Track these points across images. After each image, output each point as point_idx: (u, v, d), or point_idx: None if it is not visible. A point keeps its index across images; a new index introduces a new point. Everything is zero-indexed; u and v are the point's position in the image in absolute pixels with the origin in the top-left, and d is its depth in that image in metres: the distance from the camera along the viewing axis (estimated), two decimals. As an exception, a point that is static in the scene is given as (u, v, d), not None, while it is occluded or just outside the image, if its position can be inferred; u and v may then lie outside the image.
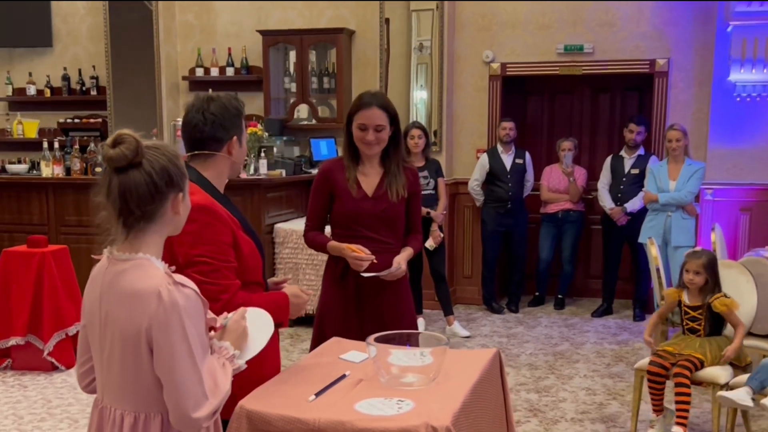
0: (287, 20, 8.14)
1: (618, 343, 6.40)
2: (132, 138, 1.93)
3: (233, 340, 2.16)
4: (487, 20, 7.68)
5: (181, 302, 1.90)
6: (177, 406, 1.92)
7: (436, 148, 7.42)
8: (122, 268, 1.96)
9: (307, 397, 2.49)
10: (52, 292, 4.00)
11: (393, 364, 2.64)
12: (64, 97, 8.71)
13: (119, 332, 1.95)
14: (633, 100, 7.94)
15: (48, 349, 3.94)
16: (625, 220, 7.01)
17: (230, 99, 2.64)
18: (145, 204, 1.94)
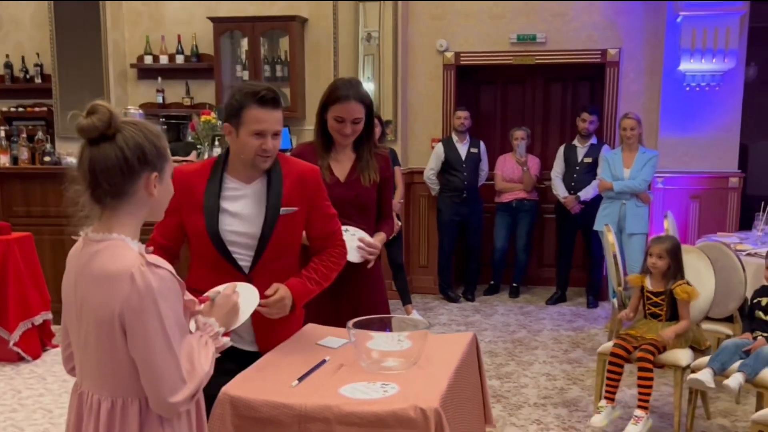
0: (239, 7, 8.01)
1: (574, 329, 6.48)
2: (105, 109, 1.87)
3: (221, 316, 2.12)
4: (441, 9, 7.68)
5: (155, 284, 1.83)
6: (154, 391, 1.87)
7: (392, 137, 7.40)
8: (95, 249, 1.90)
9: (289, 382, 2.45)
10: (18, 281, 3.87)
11: (373, 349, 2.62)
12: (7, 86, 8.44)
13: (93, 316, 1.88)
14: (585, 90, 8.03)
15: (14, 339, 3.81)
16: (578, 208, 7.09)
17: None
18: (113, 177, 1.87)
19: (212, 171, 2.80)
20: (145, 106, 7.94)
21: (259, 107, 2.68)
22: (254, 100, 2.67)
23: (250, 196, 2.79)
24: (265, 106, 2.68)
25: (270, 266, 2.79)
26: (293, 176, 2.82)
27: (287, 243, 2.83)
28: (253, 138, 2.69)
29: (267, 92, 2.69)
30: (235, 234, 2.76)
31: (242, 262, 2.77)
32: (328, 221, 2.94)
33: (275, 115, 2.70)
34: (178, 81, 8.20)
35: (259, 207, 2.78)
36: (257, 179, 2.80)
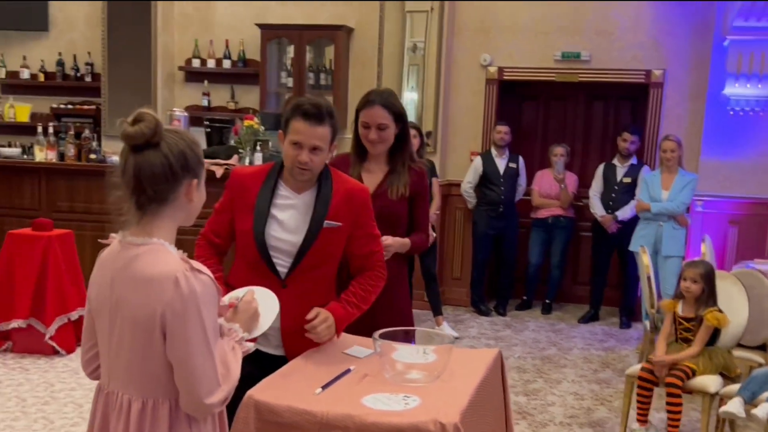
0: (287, 15, 8.13)
1: (605, 349, 6.45)
2: (152, 117, 1.93)
3: (243, 321, 2.17)
4: (486, 24, 7.71)
5: (198, 289, 1.89)
6: (191, 392, 1.92)
7: (431, 149, 7.44)
8: (135, 253, 1.95)
9: (313, 390, 2.50)
10: (56, 276, 3.98)
11: (398, 361, 2.66)
12: (58, 83, 8.66)
13: (131, 317, 1.93)
14: (627, 110, 8.00)
15: (50, 333, 3.91)
16: (615, 227, 7.07)
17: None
18: (158, 183, 1.93)
19: (267, 176, 2.89)
20: (191, 109, 8.09)
21: (300, 119, 2.76)
22: (299, 112, 2.76)
23: (298, 205, 2.86)
24: (306, 119, 2.75)
25: (306, 275, 2.85)
26: (342, 192, 2.88)
27: (326, 255, 2.88)
28: (292, 148, 2.77)
29: (311, 107, 2.76)
30: (277, 239, 2.83)
31: (280, 267, 2.84)
32: (370, 241, 2.97)
33: (315, 131, 2.75)
34: (224, 85, 8.34)
35: (304, 217, 2.85)
36: (308, 190, 2.87)
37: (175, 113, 6.69)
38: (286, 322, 2.79)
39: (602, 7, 7.43)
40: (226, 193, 2.94)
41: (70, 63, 8.64)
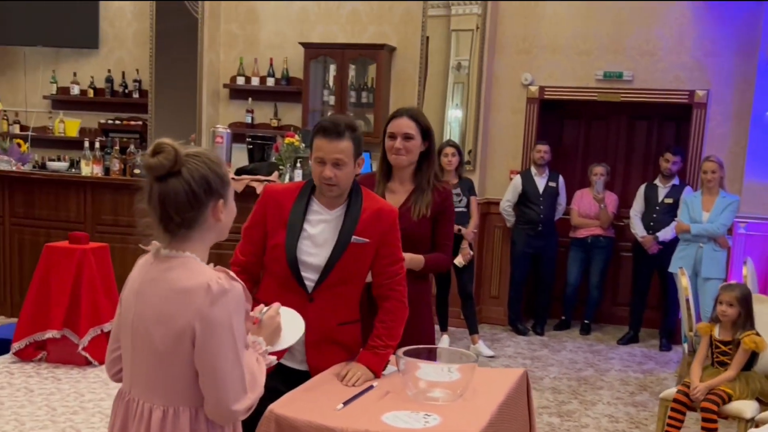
0: (330, 34, 8.24)
1: (643, 371, 6.37)
2: (171, 148, 1.96)
3: (266, 336, 2.21)
4: (528, 43, 7.72)
5: (230, 295, 1.94)
6: (217, 399, 1.95)
7: (470, 167, 7.45)
8: (169, 266, 2.00)
9: (334, 405, 2.53)
10: (91, 288, 4.08)
11: (421, 379, 2.68)
12: (107, 99, 8.87)
13: (160, 326, 1.97)
14: (670, 130, 7.92)
15: (83, 344, 4.00)
16: (656, 248, 6.99)
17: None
18: (183, 211, 1.98)
19: (301, 192, 2.95)
20: (234, 126, 8.22)
21: (320, 136, 2.83)
22: (318, 129, 2.85)
23: (330, 221, 2.91)
24: (326, 135, 2.81)
25: (332, 290, 2.89)
26: (371, 210, 2.92)
27: (353, 271, 2.91)
28: (317, 165, 2.84)
29: (329, 123, 2.84)
30: (307, 254, 2.88)
31: (308, 282, 2.88)
32: (394, 262, 2.97)
33: (335, 145, 2.80)
34: (268, 102, 8.47)
35: (334, 233, 2.89)
36: (339, 207, 2.92)
37: (218, 130, 6.79)
38: (311, 336, 2.82)
39: (645, 26, 7.39)
40: (258, 209, 2.99)
41: (118, 80, 8.85)
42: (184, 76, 8.40)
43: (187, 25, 8.32)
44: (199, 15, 8.27)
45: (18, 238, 6.83)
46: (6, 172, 6.88)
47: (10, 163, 7.07)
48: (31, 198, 6.80)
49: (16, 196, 6.84)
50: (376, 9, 8.12)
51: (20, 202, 6.84)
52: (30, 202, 6.81)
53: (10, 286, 6.87)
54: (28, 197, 6.81)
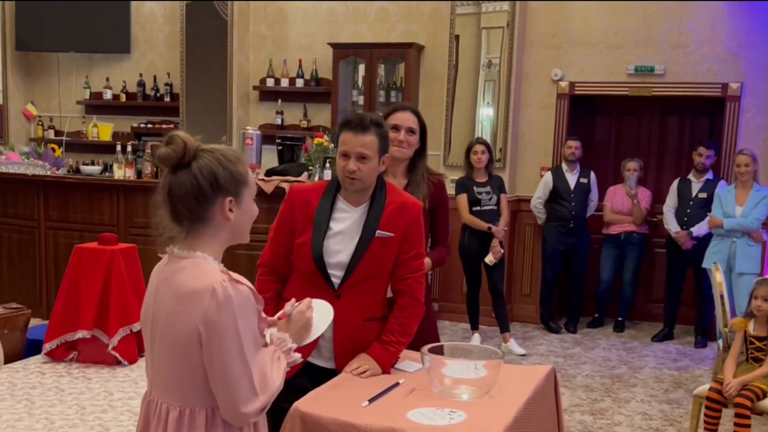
0: (358, 34, 8.25)
1: (678, 369, 6.30)
2: (180, 140, 1.98)
3: (295, 332, 2.18)
4: (558, 39, 7.66)
5: (234, 299, 1.93)
6: (227, 401, 1.96)
7: (500, 165, 7.42)
8: (180, 266, 2.01)
9: (360, 402, 2.53)
10: (120, 289, 4.12)
11: (447, 376, 2.67)
12: (139, 103, 8.97)
13: (171, 328, 1.99)
14: (703, 124, 7.82)
15: (113, 343, 4.05)
16: (690, 244, 6.91)
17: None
18: (188, 202, 1.98)
19: (326, 191, 2.97)
20: (264, 127, 8.27)
21: (346, 131, 2.85)
22: (343, 124, 2.87)
23: (354, 218, 2.92)
24: (351, 129, 2.84)
25: (359, 286, 2.90)
26: (395, 204, 2.93)
27: (378, 266, 2.91)
28: (341, 159, 2.86)
29: (354, 117, 2.86)
30: (333, 252, 2.89)
31: (334, 279, 2.90)
32: (416, 257, 2.98)
33: (360, 139, 2.82)
34: (297, 103, 8.50)
35: (359, 229, 2.90)
36: (364, 203, 2.93)
37: (248, 131, 6.83)
38: (339, 332, 2.85)
39: (677, 19, 7.29)
40: (285, 209, 3.01)
41: (150, 83, 8.95)
42: (215, 78, 8.47)
43: (216, 28, 8.39)
44: (228, 17, 8.32)
45: (53, 242, 6.94)
46: (41, 176, 6.99)
47: (44, 167, 7.18)
48: (65, 202, 6.90)
49: (50, 200, 6.95)
50: (404, 8, 8.12)
51: (55, 205, 6.94)
52: (64, 206, 6.91)
53: (46, 289, 6.98)
54: (62, 201, 6.92)
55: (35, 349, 4.29)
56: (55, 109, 9.31)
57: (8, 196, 7.13)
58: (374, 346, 2.89)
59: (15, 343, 4.28)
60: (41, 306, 6.85)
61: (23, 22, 8.89)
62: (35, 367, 3.96)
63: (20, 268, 7.14)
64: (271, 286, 2.99)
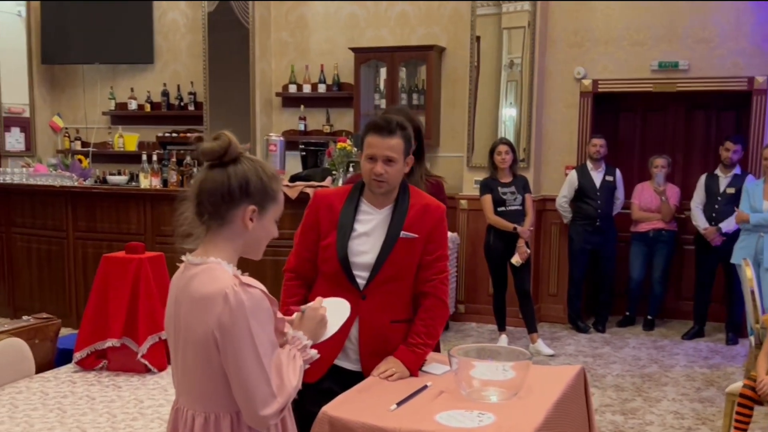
0: (379, 38, 8.26)
1: (709, 366, 6.23)
2: (227, 137, 2.01)
3: (309, 328, 2.18)
4: (580, 37, 7.62)
5: (246, 303, 1.93)
6: (246, 405, 1.96)
7: (524, 164, 7.38)
8: (194, 273, 2.03)
9: (388, 406, 2.53)
10: (148, 297, 4.15)
11: (475, 377, 2.66)
12: (163, 112, 9.04)
13: (191, 335, 2.01)
14: (730, 118, 7.73)
15: (142, 351, 4.08)
16: (719, 240, 6.83)
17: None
18: (214, 200, 2.01)
19: (350, 194, 2.99)
20: (288, 133, 8.30)
21: (372, 133, 2.86)
22: (370, 127, 2.88)
23: (379, 220, 2.94)
24: (377, 132, 2.85)
25: (384, 287, 2.91)
26: (419, 206, 2.95)
27: (403, 267, 2.93)
28: (367, 162, 2.86)
29: (381, 120, 2.87)
30: (358, 253, 2.91)
31: (359, 279, 2.91)
32: (439, 259, 2.98)
33: (387, 142, 2.83)
34: (320, 109, 8.53)
35: (384, 231, 2.92)
36: (388, 205, 2.95)
37: (272, 138, 6.86)
38: (365, 333, 2.88)
39: (700, 13, 7.23)
40: (310, 213, 3.03)
41: (174, 93, 9.01)
42: (238, 86, 8.51)
43: (238, 36, 8.44)
44: (250, 25, 8.37)
45: (81, 252, 7.01)
46: (68, 187, 7.06)
47: (72, 178, 7.25)
48: (93, 212, 6.97)
49: (78, 210, 7.02)
50: (424, 10, 8.12)
51: (82, 216, 7.02)
52: (92, 216, 6.98)
53: (75, 299, 7.05)
54: (89, 211, 6.99)
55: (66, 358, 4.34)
56: (81, 120, 9.41)
57: (37, 208, 7.21)
58: (401, 349, 2.89)
59: (46, 353, 4.33)
60: (71, 315, 6.93)
61: (48, 36, 9.00)
62: (66, 376, 4.01)
63: (49, 278, 7.22)
64: (298, 290, 3.01)
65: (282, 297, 2.98)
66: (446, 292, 3.01)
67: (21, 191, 7.29)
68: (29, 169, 7.59)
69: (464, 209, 7.61)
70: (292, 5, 8.58)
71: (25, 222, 7.31)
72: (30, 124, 9.10)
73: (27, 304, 7.22)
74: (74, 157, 8.06)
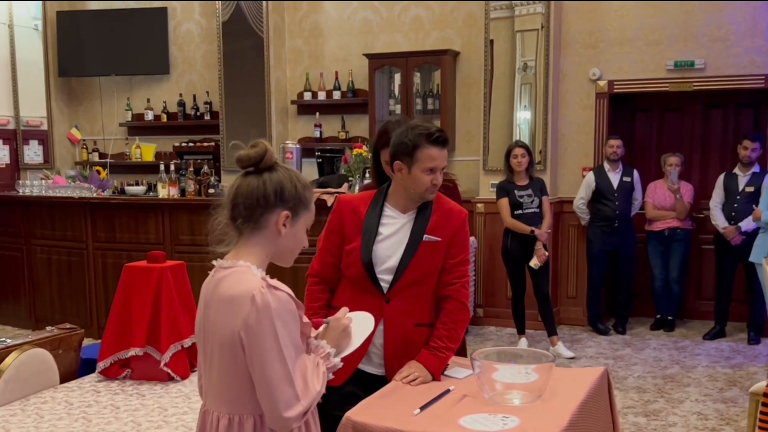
0: (393, 43, 8.28)
1: (732, 366, 6.18)
2: (264, 145, 2.07)
3: (333, 338, 2.20)
4: (594, 38, 7.60)
5: (273, 304, 1.96)
6: (269, 406, 1.98)
7: (540, 167, 7.37)
8: (223, 275, 2.06)
9: (411, 410, 2.53)
10: (170, 306, 4.17)
11: (498, 381, 2.65)
12: (180, 122, 9.08)
13: (218, 336, 2.04)
14: (747, 116, 7.69)
15: (165, 360, 4.09)
16: (739, 239, 6.79)
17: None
18: (249, 203, 2.06)
19: (374, 199, 3.02)
20: (303, 141, 8.33)
21: (432, 146, 2.87)
22: (429, 140, 2.87)
23: (403, 224, 2.97)
24: (438, 145, 2.87)
25: (408, 290, 2.94)
26: (441, 211, 2.99)
27: (426, 271, 2.95)
28: (426, 174, 2.88)
29: (440, 133, 2.89)
30: (383, 257, 2.93)
31: (383, 283, 2.93)
32: (462, 263, 3.02)
33: (444, 153, 2.91)
34: (335, 116, 8.55)
35: (407, 234, 2.95)
36: (412, 210, 2.98)
37: (288, 145, 6.89)
38: (389, 336, 2.90)
39: (716, 11, 7.19)
40: (334, 218, 3.05)
41: (190, 103, 9.06)
42: (253, 95, 8.54)
43: (253, 45, 8.47)
44: (264, 34, 8.40)
45: (101, 262, 7.07)
46: (87, 198, 7.11)
47: (90, 190, 7.31)
48: (112, 222, 7.02)
49: (97, 221, 7.08)
50: (438, 15, 8.13)
51: (102, 227, 7.07)
52: (111, 227, 7.03)
53: (96, 309, 7.11)
54: (108, 222, 7.04)
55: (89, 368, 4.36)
56: (98, 132, 9.47)
57: (56, 220, 7.28)
58: (423, 353, 2.90)
59: (70, 363, 4.36)
60: (91, 326, 6.98)
61: (65, 49, 9.07)
62: (90, 385, 4.04)
63: (70, 289, 7.27)
64: (322, 295, 3.02)
65: (305, 302, 3.00)
66: (467, 296, 3.03)
67: (40, 203, 7.36)
68: (48, 182, 7.65)
69: (481, 213, 7.60)
70: (305, 12, 8.62)
71: (45, 234, 7.37)
72: (48, 136, 9.17)
73: (48, 315, 7.28)
74: (92, 168, 8.11)
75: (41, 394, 3.88)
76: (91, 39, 9.03)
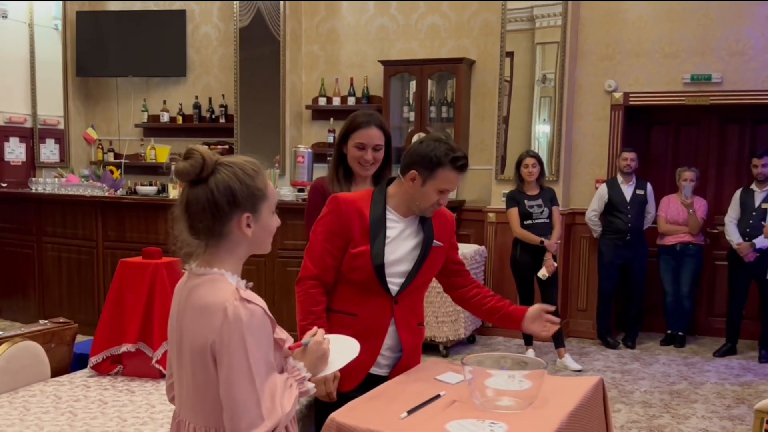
0: (409, 51, 8.27)
1: (741, 384, 6.09)
2: (199, 155, 1.96)
3: (310, 362, 2.10)
4: (611, 49, 7.55)
5: (244, 318, 1.87)
6: (231, 422, 1.89)
7: (553, 177, 7.32)
8: (197, 283, 1.99)
9: (398, 414, 2.50)
10: (163, 302, 4.14)
11: (489, 387, 2.62)
12: (195, 125, 9.12)
13: (190, 346, 1.96)
14: (764, 133, 7.59)
15: (156, 356, 4.07)
16: (753, 256, 6.70)
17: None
18: (204, 219, 1.95)
19: (374, 201, 2.94)
20: (317, 146, 8.32)
21: (454, 171, 2.81)
22: (454, 164, 2.80)
23: (407, 229, 2.95)
24: (460, 171, 2.83)
25: (413, 293, 3.00)
26: (438, 216, 3.01)
27: (431, 272, 3.04)
28: (436, 194, 2.84)
29: (465, 160, 2.84)
30: (391, 260, 2.90)
31: (392, 286, 2.91)
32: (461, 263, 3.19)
33: (459, 178, 2.89)
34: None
35: (413, 239, 2.94)
36: (411, 215, 2.96)
37: (300, 149, 6.90)
38: (403, 334, 2.95)
39: (734, 25, 7.13)
40: (335, 219, 2.91)
41: (205, 105, 9.09)
42: (268, 99, 8.56)
43: (269, 49, 8.50)
44: (281, 38, 8.42)
45: (110, 261, 7.09)
46: (98, 197, 7.15)
47: (103, 189, 7.34)
48: (122, 222, 7.05)
49: (108, 220, 7.11)
50: (454, 23, 8.11)
51: (112, 225, 7.10)
52: (121, 226, 7.06)
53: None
54: (119, 221, 7.07)
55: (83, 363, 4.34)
56: (114, 132, 9.53)
57: (68, 218, 7.31)
58: (518, 307, 3.13)
59: (62, 357, 4.34)
60: (99, 324, 6.99)
61: (84, 49, 9.13)
62: (81, 380, 4.02)
63: (79, 286, 7.30)
64: (322, 298, 2.94)
65: (304, 305, 2.90)
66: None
67: (52, 201, 7.41)
68: (61, 180, 7.70)
69: (492, 222, 7.56)
70: (323, 18, 8.64)
71: (56, 231, 7.41)
72: (64, 135, 9.24)
73: (57, 313, 7.27)
74: (106, 168, 8.15)
75: (30, 387, 3.86)
76: (109, 39, 9.10)
